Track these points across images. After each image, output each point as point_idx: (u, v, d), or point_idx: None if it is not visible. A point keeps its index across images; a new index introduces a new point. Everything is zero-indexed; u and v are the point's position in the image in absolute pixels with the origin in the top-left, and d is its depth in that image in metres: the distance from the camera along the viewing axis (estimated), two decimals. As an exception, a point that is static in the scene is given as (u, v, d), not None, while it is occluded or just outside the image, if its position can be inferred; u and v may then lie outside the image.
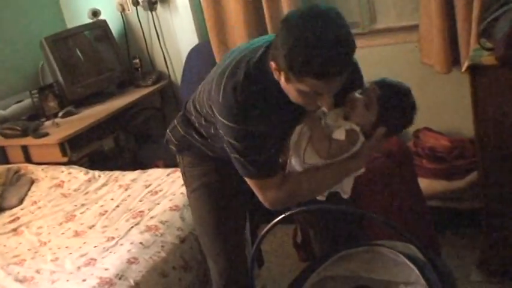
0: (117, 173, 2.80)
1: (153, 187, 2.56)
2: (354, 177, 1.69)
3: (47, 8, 3.64)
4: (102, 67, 3.48)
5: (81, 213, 2.49)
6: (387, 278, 1.57)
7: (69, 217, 2.47)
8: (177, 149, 1.85)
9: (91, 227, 2.34)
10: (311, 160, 1.58)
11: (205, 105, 1.62)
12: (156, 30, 3.42)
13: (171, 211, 2.29)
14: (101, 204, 2.53)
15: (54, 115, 3.18)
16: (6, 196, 2.76)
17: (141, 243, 2.10)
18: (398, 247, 1.61)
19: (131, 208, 2.41)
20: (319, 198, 1.67)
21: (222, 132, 1.54)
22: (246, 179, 1.58)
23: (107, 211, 2.44)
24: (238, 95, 1.45)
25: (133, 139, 3.44)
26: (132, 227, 2.23)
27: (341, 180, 1.64)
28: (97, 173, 2.83)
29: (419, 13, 2.67)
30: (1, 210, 2.70)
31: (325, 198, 1.67)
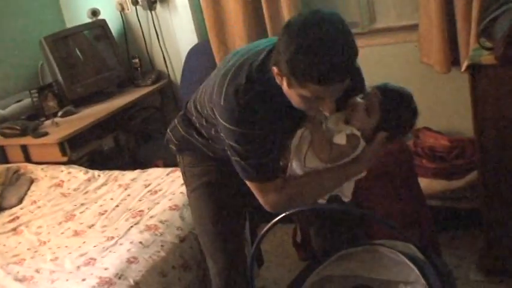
0: (117, 172, 2.80)
1: (152, 186, 2.56)
2: (354, 181, 1.69)
3: (47, 8, 3.63)
4: (101, 67, 3.48)
5: (81, 212, 2.49)
6: (387, 277, 1.58)
7: (69, 217, 2.47)
8: (178, 148, 1.85)
9: (91, 227, 2.34)
10: (312, 164, 1.58)
11: (206, 107, 1.62)
12: (155, 30, 3.42)
13: (171, 210, 2.29)
14: (100, 203, 2.53)
15: (54, 115, 3.18)
16: (5, 196, 2.75)
17: (140, 243, 2.10)
18: (398, 247, 1.61)
19: (131, 208, 2.41)
20: (320, 201, 1.66)
21: (223, 134, 1.54)
22: (247, 182, 1.58)
23: (106, 211, 2.44)
24: (240, 98, 1.45)
25: (133, 139, 3.44)
26: (131, 227, 2.22)
27: (341, 184, 1.64)
28: (97, 172, 2.83)
29: (419, 13, 2.67)
30: (1, 209, 2.70)
31: (325, 201, 1.66)
